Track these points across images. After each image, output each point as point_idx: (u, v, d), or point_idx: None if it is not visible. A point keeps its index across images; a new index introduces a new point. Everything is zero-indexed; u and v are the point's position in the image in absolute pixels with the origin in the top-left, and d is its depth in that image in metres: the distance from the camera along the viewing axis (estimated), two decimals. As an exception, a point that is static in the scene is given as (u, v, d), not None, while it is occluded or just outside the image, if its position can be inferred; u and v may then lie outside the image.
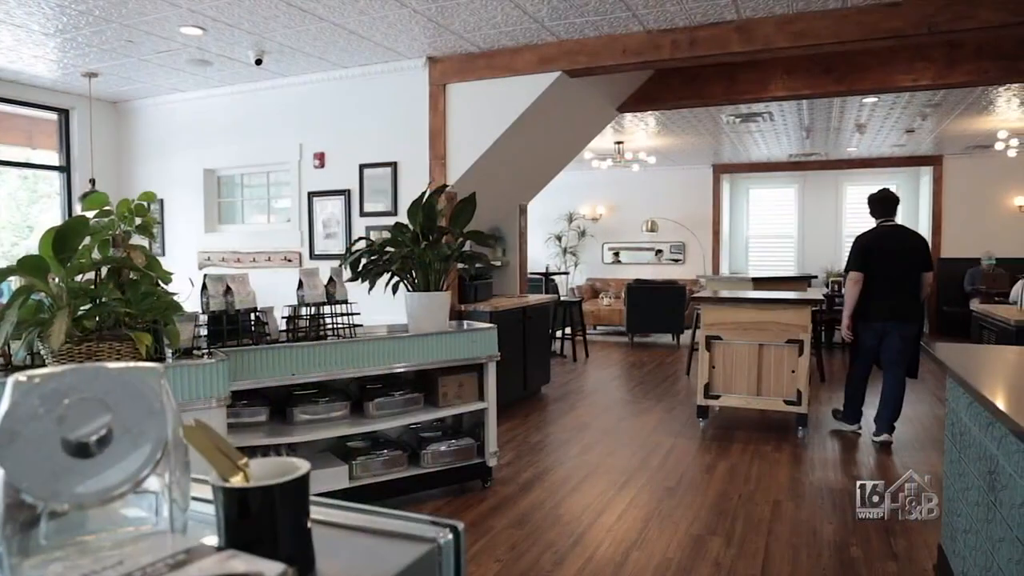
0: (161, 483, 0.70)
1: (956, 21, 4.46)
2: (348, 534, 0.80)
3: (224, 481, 0.67)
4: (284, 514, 0.67)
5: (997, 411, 1.96)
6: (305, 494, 0.70)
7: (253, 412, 3.68)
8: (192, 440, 0.70)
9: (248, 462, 0.71)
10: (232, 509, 0.67)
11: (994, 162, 10.79)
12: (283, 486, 0.67)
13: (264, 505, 0.66)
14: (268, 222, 7.11)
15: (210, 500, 0.70)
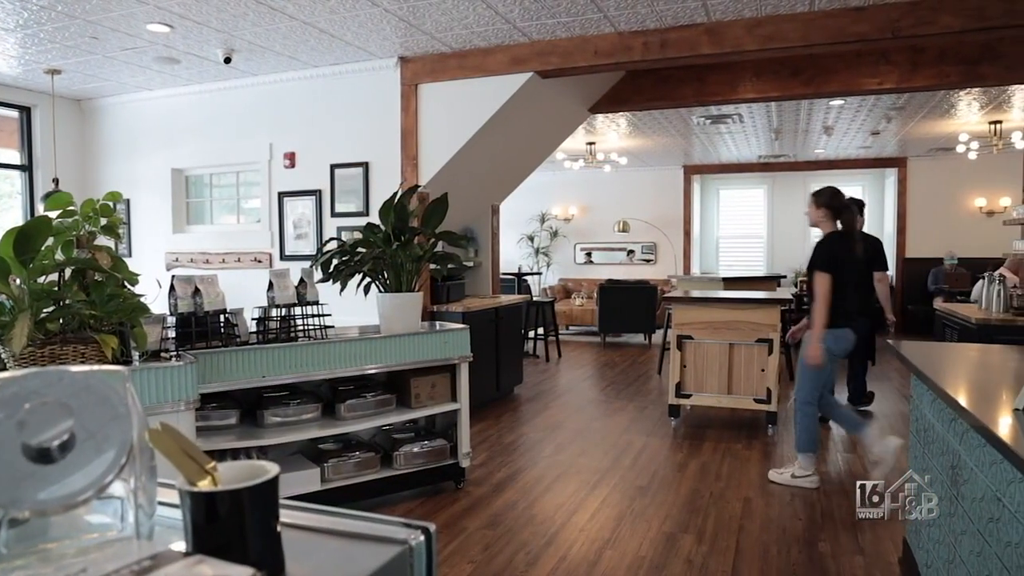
0: (126, 488, 0.68)
1: (919, 26, 4.55)
2: (319, 537, 0.79)
3: (191, 485, 0.66)
4: (253, 518, 0.66)
5: (959, 407, 2.01)
6: (275, 497, 0.70)
7: (223, 415, 3.63)
8: (158, 444, 0.69)
9: (216, 466, 0.70)
10: (199, 513, 0.66)
11: (956, 164, 11.04)
12: (252, 489, 0.66)
13: (232, 509, 0.65)
14: (238, 223, 7.02)
15: (177, 505, 0.69)
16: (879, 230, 13.15)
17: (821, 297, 4.19)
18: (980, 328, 4.67)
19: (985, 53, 5.70)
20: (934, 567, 2.63)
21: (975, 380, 2.68)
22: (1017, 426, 1.77)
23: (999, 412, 1.94)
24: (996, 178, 10.86)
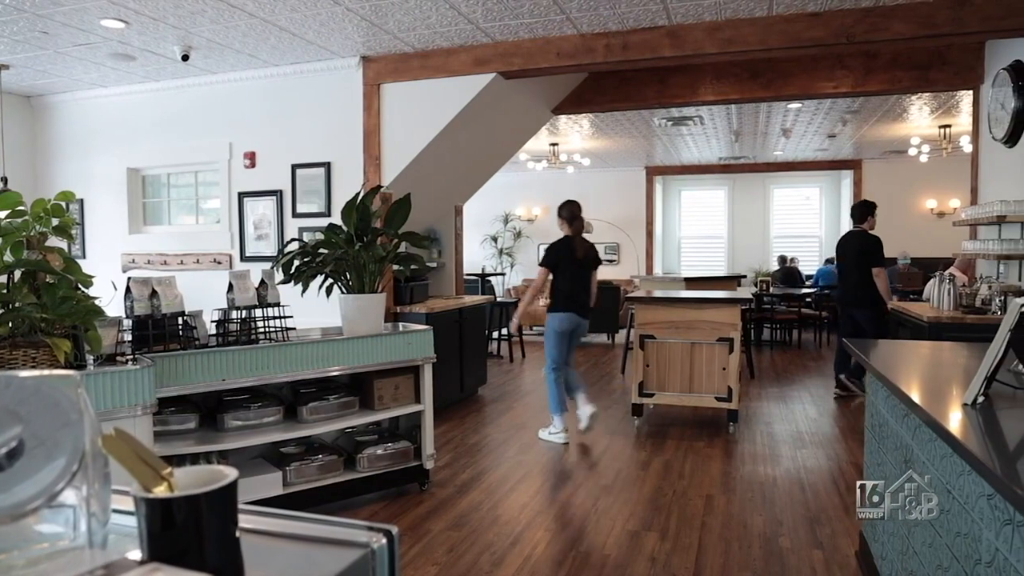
0: (78, 496, 0.67)
1: (872, 32, 4.67)
2: (279, 542, 0.78)
3: (146, 492, 0.65)
4: (211, 524, 0.65)
5: (911, 403, 2.06)
6: (233, 502, 0.68)
7: (182, 419, 3.56)
8: (112, 450, 0.67)
9: (172, 471, 0.69)
10: (155, 520, 0.64)
11: (908, 167, 11.35)
12: (209, 495, 0.65)
13: (189, 515, 0.64)
14: (196, 223, 6.90)
15: (133, 512, 0.68)
16: (835, 231, 13.45)
17: (534, 287, 5.56)
18: (931, 326, 4.80)
19: (935, 59, 5.87)
20: (889, 559, 2.70)
21: (927, 376, 2.75)
22: (966, 421, 1.82)
23: (949, 407, 2.00)
24: (946, 180, 11.19)
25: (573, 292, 5.36)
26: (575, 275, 5.36)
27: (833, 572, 3.19)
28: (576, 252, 5.35)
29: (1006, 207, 4.85)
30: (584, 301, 5.44)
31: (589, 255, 5.46)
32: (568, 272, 5.34)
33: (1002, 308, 4.65)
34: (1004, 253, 4.99)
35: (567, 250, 5.34)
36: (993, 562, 1.56)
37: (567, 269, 5.34)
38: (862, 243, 6.51)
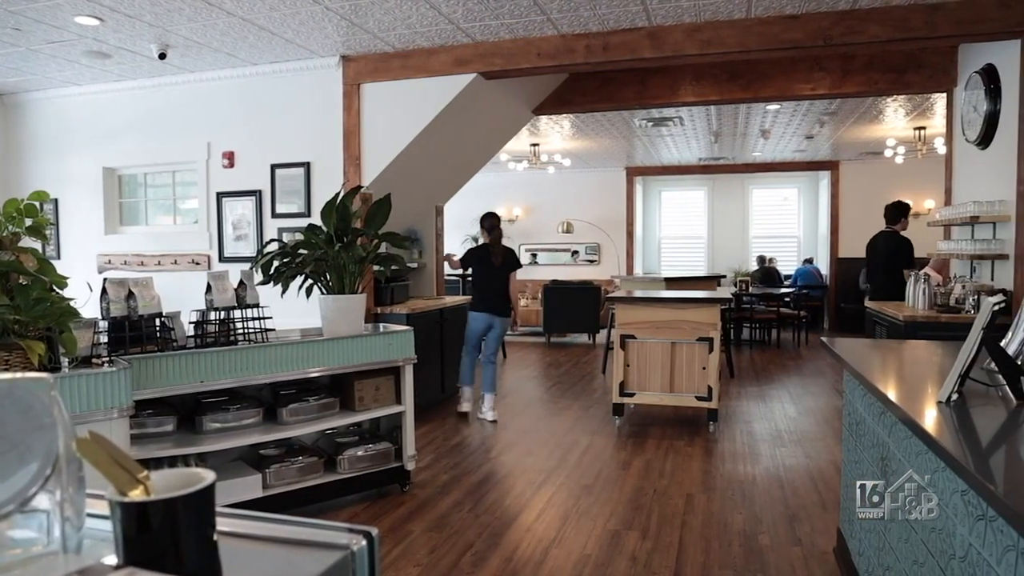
0: (52, 501, 0.66)
1: (848, 35, 4.72)
2: (258, 545, 0.78)
3: (122, 495, 0.64)
4: (188, 527, 0.65)
5: (887, 401, 2.09)
6: (211, 505, 0.68)
7: (159, 422, 3.53)
8: (86, 454, 0.66)
9: (149, 474, 0.68)
10: (131, 525, 0.64)
11: (884, 168, 11.48)
12: (186, 498, 0.64)
13: (166, 519, 0.64)
14: (174, 223, 6.82)
15: (108, 516, 0.67)
16: (813, 231, 13.60)
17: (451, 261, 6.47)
18: (907, 325, 4.87)
19: (910, 62, 5.96)
20: (866, 555, 2.73)
21: (902, 375, 2.79)
22: (940, 418, 1.85)
23: (924, 405, 2.03)
24: (921, 181, 11.33)
25: (486, 294, 6.08)
26: (490, 278, 6.06)
27: (812, 569, 3.23)
28: (492, 258, 6.05)
29: (979, 208, 4.93)
30: (497, 302, 6.05)
31: (506, 260, 6.08)
32: (483, 275, 6.08)
33: (975, 307, 4.72)
34: (977, 253, 5.07)
35: (484, 255, 6.09)
36: (967, 557, 1.58)
37: (482, 273, 6.07)
38: (894, 244, 6.60)
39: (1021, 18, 4.46)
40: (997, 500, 1.25)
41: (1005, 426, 1.88)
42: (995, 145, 5.02)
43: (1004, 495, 1.24)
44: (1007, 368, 1.98)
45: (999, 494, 1.26)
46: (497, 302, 6.05)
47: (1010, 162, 4.69)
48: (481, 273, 6.07)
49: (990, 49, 5.05)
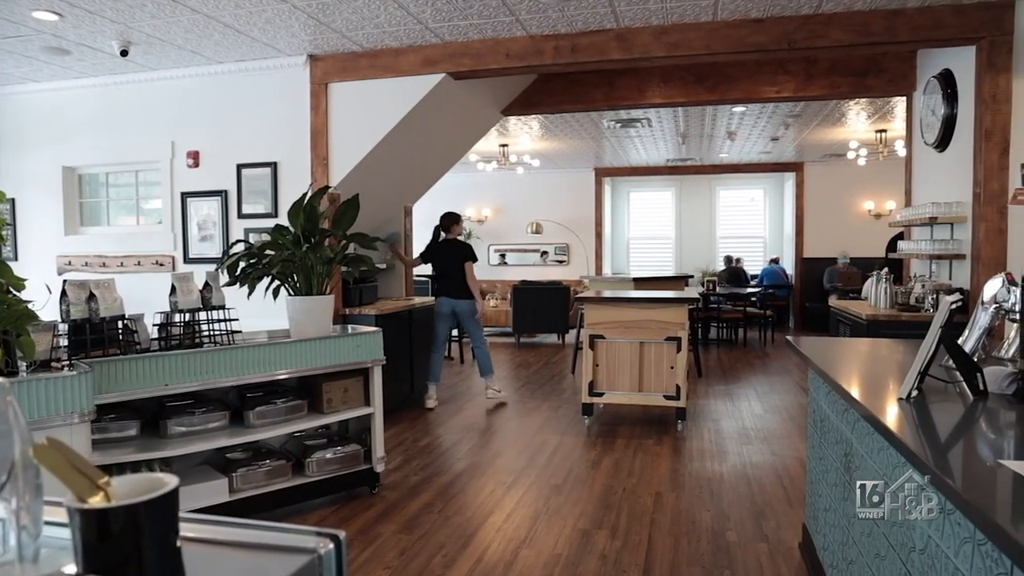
0: (7, 509, 0.64)
1: (812, 39, 4.81)
2: (223, 550, 0.77)
3: (81, 502, 0.63)
4: (150, 534, 0.63)
5: (850, 398, 2.13)
6: (173, 511, 0.67)
7: (122, 426, 3.45)
8: (44, 460, 0.65)
9: (109, 480, 0.67)
10: (90, 532, 0.62)
11: (847, 169, 11.70)
12: (148, 504, 0.63)
13: (127, 525, 0.62)
14: (137, 224, 6.70)
15: (67, 524, 0.65)
16: (779, 231, 13.80)
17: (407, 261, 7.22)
18: (870, 324, 4.97)
19: (871, 66, 6.08)
20: (830, 550, 2.78)
21: (865, 372, 2.84)
22: (901, 415, 1.89)
23: (886, 402, 2.07)
24: (882, 183, 11.58)
25: (440, 281, 6.84)
26: (443, 269, 6.79)
27: (778, 564, 3.27)
28: (444, 250, 6.81)
29: (937, 209, 5.05)
30: (450, 287, 6.72)
31: (456, 252, 6.77)
32: (438, 267, 6.85)
33: (934, 306, 4.83)
34: (936, 253, 5.19)
35: (436, 249, 6.89)
36: (926, 549, 1.62)
37: (437, 264, 6.85)
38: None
39: (976, 25, 4.58)
40: (955, 493, 1.28)
41: (962, 421, 1.93)
42: (952, 148, 5.14)
43: (961, 489, 1.27)
44: (964, 365, 2.03)
45: (957, 488, 1.29)
46: (449, 287, 6.73)
47: (966, 164, 4.82)
48: (435, 264, 6.88)
49: (947, 55, 5.18)
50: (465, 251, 6.79)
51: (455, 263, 6.71)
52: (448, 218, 6.91)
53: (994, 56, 4.58)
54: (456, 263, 6.71)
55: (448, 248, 6.81)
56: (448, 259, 6.77)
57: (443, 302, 6.71)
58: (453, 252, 6.76)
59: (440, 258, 6.83)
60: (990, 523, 1.16)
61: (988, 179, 4.60)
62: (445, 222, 6.90)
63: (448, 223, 6.89)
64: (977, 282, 4.66)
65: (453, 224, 6.89)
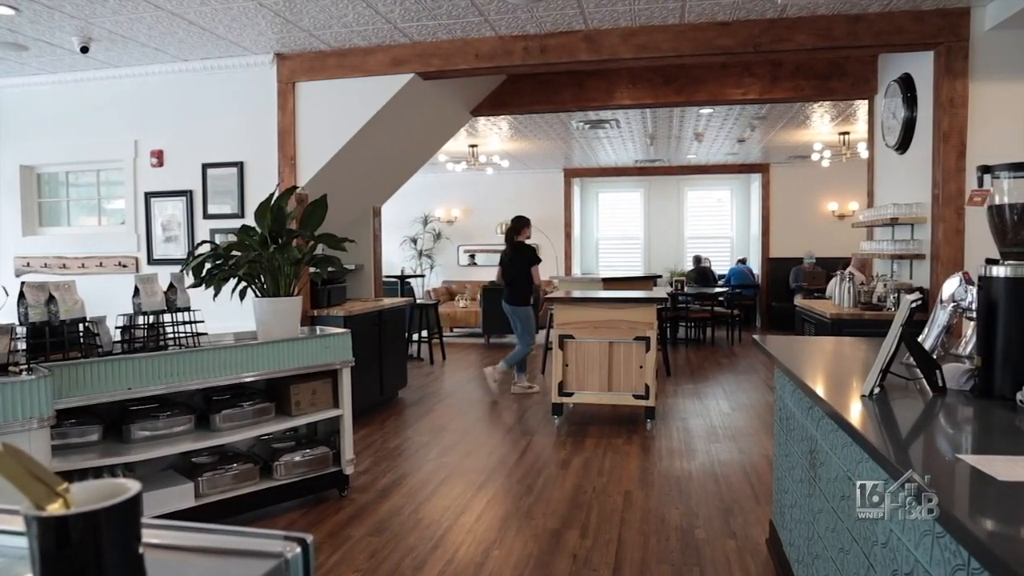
0: (-38, 517, 0.62)
1: (776, 42, 4.88)
2: (188, 556, 0.76)
3: (38, 510, 0.61)
4: (111, 541, 0.62)
5: (815, 396, 2.16)
6: (136, 517, 0.65)
7: (83, 431, 3.38)
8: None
9: (69, 487, 0.65)
10: (48, 540, 0.61)
11: (812, 171, 11.90)
12: (109, 510, 0.62)
13: (87, 533, 0.61)
14: (99, 224, 6.56)
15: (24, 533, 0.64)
16: (746, 232, 13.99)
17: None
18: (833, 322, 5.05)
19: (834, 70, 6.19)
20: (796, 545, 2.83)
21: (829, 370, 2.89)
22: (864, 411, 1.93)
23: (849, 399, 2.11)
24: (846, 184, 11.79)
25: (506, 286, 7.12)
26: (508, 272, 7.08)
27: (745, 560, 3.32)
28: (510, 253, 7.06)
29: (898, 210, 5.16)
30: (510, 290, 7.02)
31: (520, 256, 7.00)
32: (505, 270, 7.13)
33: (896, 305, 4.93)
34: (897, 253, 5.30)
35: (505, 252, 7.16)
36: (888, 542, 1.66)
37: (504, 267, 7.16)
38: None
39: (934, 31, 4.69)
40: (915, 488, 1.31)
41: (922, 417, 1.97)
42: (912, 150, 5.26)
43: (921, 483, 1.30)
44: (924, 362, 2.08)
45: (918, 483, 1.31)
46: (506, 292, 7.10)
47: (926, 166, 4.93)
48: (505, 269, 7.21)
49: (907, 59, 5.29)
50: (526, 255, 6.99)
51: (517, 266, 6.98)
52: (517, 221, 7.13)
53: (951, 61, 4.69)
54: (518, 266, 6.97)
55: (514, 252, 7.05)
56: (513, 262, 7.05)
57: (503, 304, 7.14)
58: (518, 256, 7.01)
59: (507, 261, 7.11)
60: (948, 516, 1.19)
61: (946, 181, 4.71)
62: (515, 225, 7.12)
63: (518, 226, 7.09)
64: (936, 281, 4.77)
65: (523, 227, 7.10)
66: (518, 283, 6.97)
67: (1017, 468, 1.37)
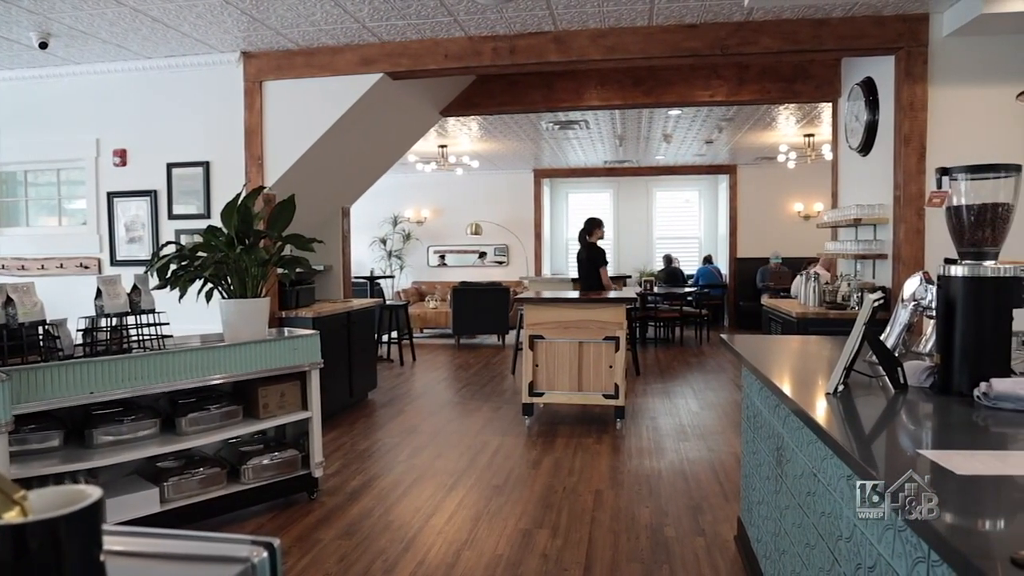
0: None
1: (743, 45, 4.95)
2: (152, 563, 0.74)
3: (-5, 518, 0.60)
4: (71, 549, 0.61)
5: (781, 394, 2.20)
6: (97, 524, 0.64)
7: (43, 437, 3.30)
8: (-45, 474, 0.61)
9: (26, 494, 0.64)
10: (5, 550, 0.59)
11: (778, 172, 12.08)
12: (68, 517, 0.60)
13: (45, 541, 0.59)
14: (60, 225, 6.41)
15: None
16: (714, 232, 14.15)
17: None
18: (799, 321, 5.13)
19: (799, 73, 6.29)
20: (763, 541, 2.87)
21: (795, 369, 2.94)
22: (829, 409, 1.96)
23: (815, 397, 2.14)
24: (811, 185, 11.99)
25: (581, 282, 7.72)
26: (581, 271, 7.65)
27: (714, 557, 3.35)
28: (583, 253, 7.60)
29: (861, 211, 5.26)
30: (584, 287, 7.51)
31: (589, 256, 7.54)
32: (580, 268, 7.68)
33: (859, 304, 5.02)
34: (860, 253, 5.40)
35: (579, 252, 7.66)
36: (852, 537, 1.69)
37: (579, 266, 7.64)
38: None
39: (894, 36, 4.79)
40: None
41: (885, 414, 2.01)
42: (875, 152, 5.36)
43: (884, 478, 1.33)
44: (886, 360, 2.12)
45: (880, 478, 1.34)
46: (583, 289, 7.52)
47: (888, 168, 5.03)
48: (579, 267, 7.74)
49: (869, 63, 5.40)
50: (594, 256, 7.45)
51: (587, 266, 7.49)
52: (589, 223, 7.62)
53: (911, 66, 4.79)
54: (588, 266, 7.47)
55: (587, 252, 7.52)
56: (584, 262, 7.56)
57: None
58: (588, 256, 7.48)
59: (584, 259, 7.60)
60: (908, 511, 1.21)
61: (907, 182, 4.82)
62: (586, 227, 7.62)
63: (589, 228, 7.57)
64: (898, 280, 4.87)
65: (594, 228, 7.57)
66: (592, 280, 7.41)
67: (974, 462, 1.40)
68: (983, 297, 1.99)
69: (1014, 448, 1.58)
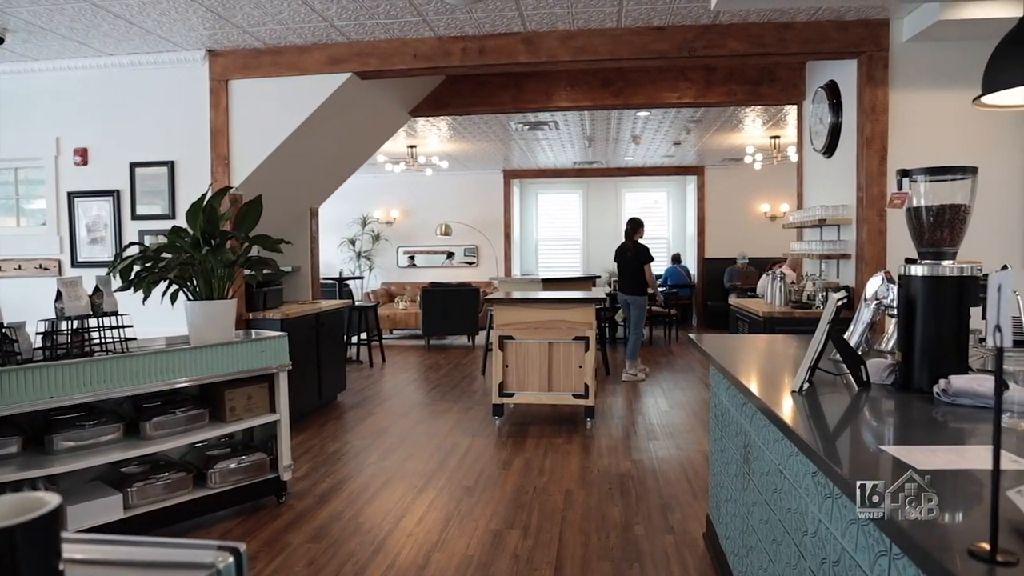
0: None
1: (710, 48, 5.00)
2: (114, 571, 0.73)
3: (-50, 527, 0.58)
4: (28, 559, 0.59)
5: (748, 392, 2.23)
6: (55, 532, 0.63)
7: (1, 443, 3.22)
8: (-93, 483, 0.59)
9: (-18, 503, 0.62)
10: (-40, 559, 0.58)
11: (744, 173, 12.24)
12: (25, 526, 0.59)
13: (1, 550, 0.58)
14: (17, 225, 6.25)
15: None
16: (682, 232, 14.29)
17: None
18: (766, 320, 5.21)
19: (765, 75, 6.38)
20: (732, 538, 2.90)
21: (761, 367, 2.98)
22: (794, 407, 1.99)
23: (780, 395, 2.18)
24: (777, 186, 12.17)
25: (618, 278, 8.28)
26: (621, 268, 8.10)
27: (683, 554, 3.39)
28: (624, 252, 8.06)
29: (825, 211, 5.35)
30: (624, 283, 8.09)
31: (633, 254, 7.98)
32: (619, 266, 8.14)
33: (824, 303, 5.11)
34: (825, 253, 5.50)
35: (619, 250, 8.17)
36: (817, 532, 1.72)
37: (618, 263, 8.14)
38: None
39: (857, 40, 4.89)
40: (841, 479, 1.36)
41: (848, 411, 2.05)
42: (838, 154, 5.46)
43: (847, 475, 1.35)
44: (849, 358, 2.16)
45: (843, 474, 1.37)
46: (622, 284, 8.11)
47: (851, 170, 5.13)
48: (618, 263, 8.17)
49: (833, 67, 5.50)
50: (639, 254, 7.95)
51: (631, 264, 7.96)
52: (631, 223, 8.16)
53: (873, 70, 4.89)
54: (632, 263, 7.95)
55: (627, 250, 7.99)
56: (626, 260, 8.01)
57: (619, 296, 8.20)
58: (632, 254, 7.94)
59: (621, 259, 8.07)
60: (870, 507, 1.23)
61: (869, 184, 4.91)
62: (629, 227, 8.16)
63: (632, 227, 8.11)
64: (861, 280, 4.97)
65: (639, 227, 8.12)
66: (639, 277, 7.89)
67: (934, 457, 1.44)
68: (942, 296, 2.03)
69: (971, 443, 1.62)
